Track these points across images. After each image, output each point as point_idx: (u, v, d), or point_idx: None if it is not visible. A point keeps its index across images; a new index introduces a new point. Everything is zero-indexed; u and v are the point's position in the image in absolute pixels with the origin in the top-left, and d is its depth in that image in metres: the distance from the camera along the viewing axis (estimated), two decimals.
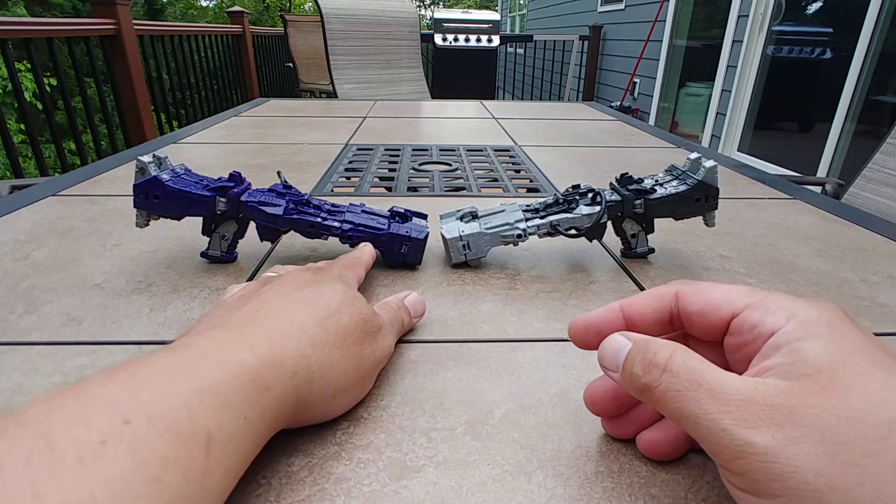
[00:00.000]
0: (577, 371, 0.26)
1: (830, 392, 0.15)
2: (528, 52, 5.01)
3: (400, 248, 0.36)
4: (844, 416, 0.14)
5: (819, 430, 0.14)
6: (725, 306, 0.19)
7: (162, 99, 2.62)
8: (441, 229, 0.38)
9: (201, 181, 0.36)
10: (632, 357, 0.18)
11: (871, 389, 0.15)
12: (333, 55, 1.85)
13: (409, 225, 0.37)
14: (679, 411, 0.16)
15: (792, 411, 0.15)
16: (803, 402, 0.15)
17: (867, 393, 0.15)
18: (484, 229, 0.37)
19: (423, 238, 0.37)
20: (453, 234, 0.37)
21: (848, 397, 0.15)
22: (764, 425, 0.15)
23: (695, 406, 0.16)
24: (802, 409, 0.15)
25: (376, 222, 0.36)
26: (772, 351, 0.17)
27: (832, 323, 0.17)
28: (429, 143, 0.78)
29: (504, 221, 0.37)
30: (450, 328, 0.30)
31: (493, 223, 0.37)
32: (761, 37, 2.99)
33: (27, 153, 4.07)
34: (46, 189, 0.54)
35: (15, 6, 5.59)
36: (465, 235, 0.37)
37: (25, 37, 1.65)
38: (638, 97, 4.32)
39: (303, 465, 0.20)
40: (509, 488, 0.19)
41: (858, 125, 2.44)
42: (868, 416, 0.14)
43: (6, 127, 1.56)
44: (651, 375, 0.17)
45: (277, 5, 11.38)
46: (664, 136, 0.89)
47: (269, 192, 0.36)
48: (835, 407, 0.14)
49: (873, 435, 0.14)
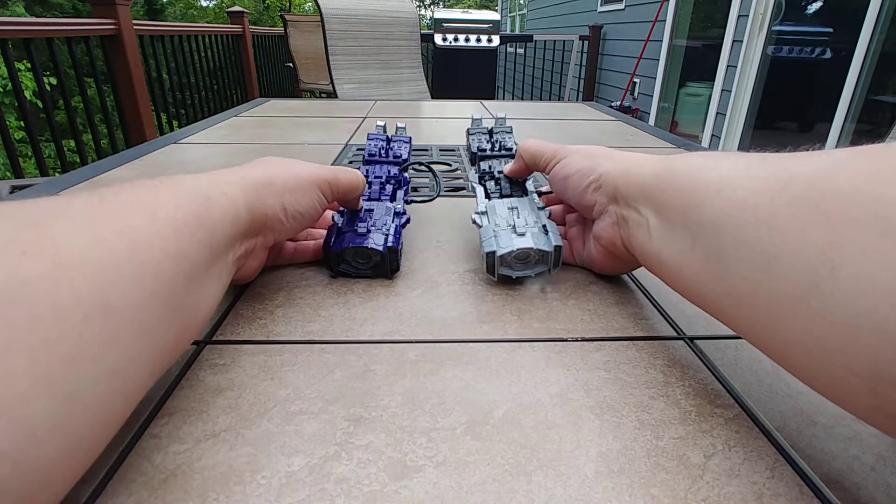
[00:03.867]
0: (577, 371, 0.26)
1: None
2: (528, 52, 5.01)
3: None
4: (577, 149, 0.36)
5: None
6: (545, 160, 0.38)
7: (162, 99, 2.62)
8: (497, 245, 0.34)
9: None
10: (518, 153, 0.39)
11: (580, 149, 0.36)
12: (333, 55, 1.85)
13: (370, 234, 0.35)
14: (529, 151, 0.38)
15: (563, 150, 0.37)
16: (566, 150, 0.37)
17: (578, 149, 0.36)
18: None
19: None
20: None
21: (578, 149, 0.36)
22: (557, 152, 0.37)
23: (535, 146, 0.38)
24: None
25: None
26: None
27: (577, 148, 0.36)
28: (429, 143, 0.78)
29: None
30: (450, 328, 0.30)
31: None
32: (761, 37, 2.99)
33: (27, 153, 4.07)
34: (46, 189, 0.54)
35: (15, 6, 5.59)
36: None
37: (25, 37, 1.65)
38: (638, 97, 4.32)
39: (303, 465, 0.20)
40: (509, 488, 0.19)
41: (858, 125, 2.44)
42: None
43: (6, 126, 1.56)
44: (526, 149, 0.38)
45: (277, 5, 11.38)
46: (664, 136, 0.89)
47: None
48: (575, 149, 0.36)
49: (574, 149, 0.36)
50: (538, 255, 0.34)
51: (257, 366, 0.26)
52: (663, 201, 0.27)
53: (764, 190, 0.20)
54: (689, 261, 0.24)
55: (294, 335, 0.29)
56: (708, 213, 0.23)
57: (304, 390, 0.25)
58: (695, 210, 0.24)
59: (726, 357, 0.28)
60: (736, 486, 0.20)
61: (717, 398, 0.25)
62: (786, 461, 0.21)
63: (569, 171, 0.35)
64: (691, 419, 0.23)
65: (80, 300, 0.16)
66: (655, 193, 0.27)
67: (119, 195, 0.21)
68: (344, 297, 0.33)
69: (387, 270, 0.35)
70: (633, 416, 0.23)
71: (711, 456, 0.21)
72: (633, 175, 0.30)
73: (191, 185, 0.24)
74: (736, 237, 0.21)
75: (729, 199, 0.22)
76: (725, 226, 0.21)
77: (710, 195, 0.23)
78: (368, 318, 0.31)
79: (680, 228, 0.25)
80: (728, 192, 0.22)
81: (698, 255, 0.23)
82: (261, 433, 0.22)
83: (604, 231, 0.33)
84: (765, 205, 0.20)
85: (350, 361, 0.27)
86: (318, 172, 0.33)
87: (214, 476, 0.20)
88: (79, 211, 0.18)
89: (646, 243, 0.28)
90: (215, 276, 0.24)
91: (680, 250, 0.25)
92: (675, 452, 0.21)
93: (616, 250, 0.32)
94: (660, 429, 0.23)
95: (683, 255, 0.25)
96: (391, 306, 0.32)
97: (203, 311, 0.24)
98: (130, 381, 0.18)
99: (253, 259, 0.30)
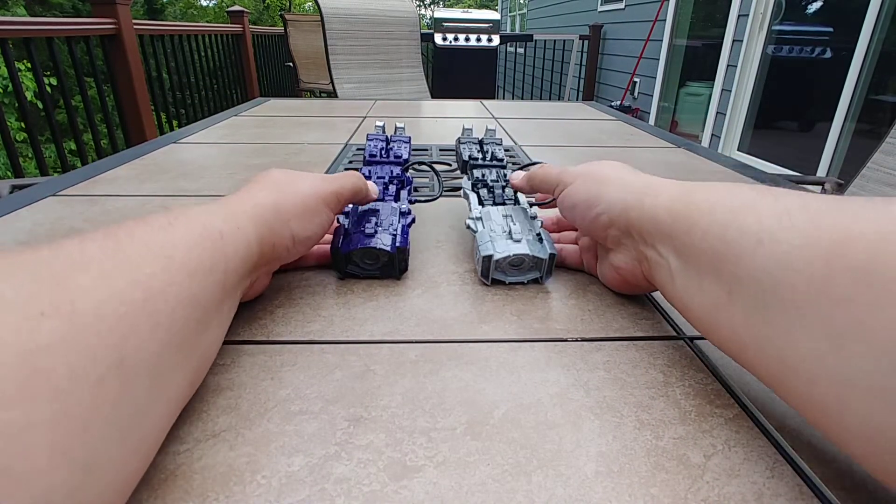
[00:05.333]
0: (577, 371, 0.26)
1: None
2: (528, 51, 5.01)
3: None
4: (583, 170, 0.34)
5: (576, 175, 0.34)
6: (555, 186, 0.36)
7: (162, 98, 2.62)
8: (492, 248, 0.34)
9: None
10: (526, 175, 0.39)
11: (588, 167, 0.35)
12: (333, 55, 1.85)
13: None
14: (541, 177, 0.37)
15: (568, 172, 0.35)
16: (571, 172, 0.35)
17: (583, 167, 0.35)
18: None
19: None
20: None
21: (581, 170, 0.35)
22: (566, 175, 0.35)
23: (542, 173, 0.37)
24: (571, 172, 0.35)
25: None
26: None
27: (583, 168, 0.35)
28: (429, 143, 0.78)
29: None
30: (450, 328, 0.30)
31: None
32: (761, 36, 2.99)
33: (27, 153, 4.07)
34: (47, 189, 0.54)
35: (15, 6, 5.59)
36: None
37: (25, 36, 1.65)
38: (638, 97, 4.32)
39: (303, 465, 0.20)
40: (509, 488, 0.19)
41: (858, 124, 2.44)
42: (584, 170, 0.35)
43: (6, 127, 1.56)
44: (533, 176, 0.38)
45: (277, 5, 11.38)
46: (664, 135, 0.89)
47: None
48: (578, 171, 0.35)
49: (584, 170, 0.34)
50: (532, 262, 0.35)
51: (257, 366, 0.26)
52: (685, 242, 0.24)
53: (815, 250, 0.18)
54: (726, 316, 0.22)
55: (294, 335, 0.29)
56: (748, 268, 0.20)
57: (304, 390, 0.25)
58: (732, 262, 0.21)
59: (726, 357, 0.28)
60: (736, 486, 0.20)
61: (717, 398, 0.25)
62: (786, 461, 0.21)
63: (574, 199, 0.33)
64: (691, 419, 0.23)
65: (95, 362, 0.15)
66: (675, 232, 0.25)
67: (133, 237, 0.20)
68: (344, 297, 0.33)
69: (395, 270, 0.35)
70: (633, 416, 0.23)
71: (711, 456, 0.21)
72: (645, 207, 0.27)
73: (205, 222, 0.24)
74: (785, 301, 0.19)
75: (772, 254, 0.20)
76: (771, 287, 0.19)
77: (748, 247, 0.21)
78: (368, 318, 0.31)
79: (710, 278, 0.23)
80: (770, 247, 0.20)
81: (737, 312, 0.21)
82: (261, 433, 0.22)
83: (623, 264, 0.31)
84: (819, 269, 0.18)
85: (350, 361, 0.27)
86: (323, 187, 0.32)
87: (214, 476, 0.20)
88: (95, 261, 0.18)
89: (668, 285, 0.26)
90: (224, 314, 0.24)
91: (712, 302, 0.23)
92: (675, 452, 0.21)
93: (637, 280, 0.31)
94: (660, 429, 0.23)
95: (716, 308, 0.22)
96: (391, 306, 0.32)
97: (212, 350, 0.24)
98: (145, 437, 0.18)
99: (257, 285, 0.30)
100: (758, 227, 0.21)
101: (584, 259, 0.37)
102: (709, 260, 0.23)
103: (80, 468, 0.14)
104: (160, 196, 0.53)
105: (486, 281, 0.35)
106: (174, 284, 0.20)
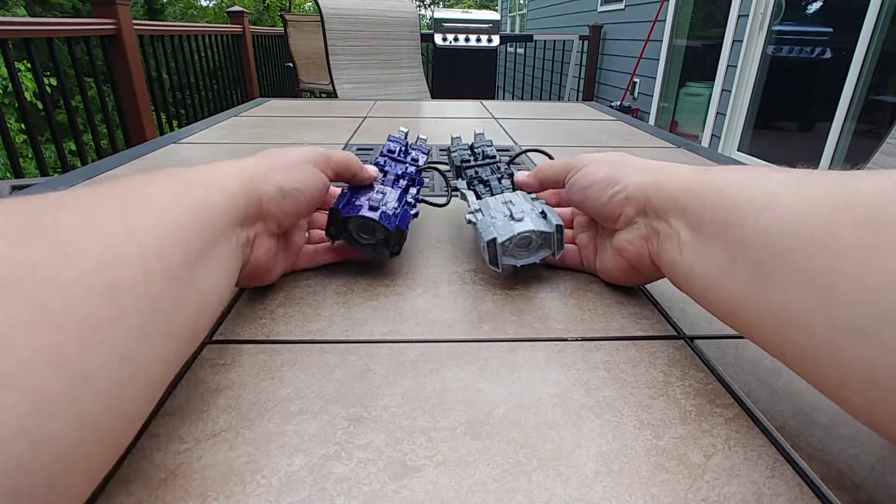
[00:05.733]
0: (577, 371, 0.26)
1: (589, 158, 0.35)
2: (528, 52, 5.01)
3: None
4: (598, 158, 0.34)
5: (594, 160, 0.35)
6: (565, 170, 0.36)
7: (162, 99, 2.62)
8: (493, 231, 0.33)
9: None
10: (533, 173, 0.39)
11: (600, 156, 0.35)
12: (333, 55, 1.85)
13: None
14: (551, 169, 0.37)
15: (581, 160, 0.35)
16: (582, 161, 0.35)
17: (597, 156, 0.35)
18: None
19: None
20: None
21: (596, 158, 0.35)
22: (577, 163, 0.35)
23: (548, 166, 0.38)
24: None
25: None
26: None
27: (596, 157, 0.35)
28: (429, 144, 0.78)
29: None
30: (450, 328, 0.30)
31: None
32: (761, 36, 2.99)
33: (27, 153, 4.07)
34: (46, 189, 0.54)
35: (15, 6, 5.59)
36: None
37: (25, 37, 1.65)
38: (638, 97, 4.32)
39: (303, 465, 0.20)
40: (509, 488, 0.19)
41: (858, 125, 2.45)
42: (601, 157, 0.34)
43: (6, 127, 1.56)
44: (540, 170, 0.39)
45: (277, 5, 11.38)
46: (664, 135, 0.89)
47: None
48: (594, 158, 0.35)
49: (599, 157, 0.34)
50: (540, 239, 0.34)
51: (257, 365, 0.26)
52: (698, 215, 0.25)
53: (820, 210, 0.19)
54: (727, 280, 0.23)
55: (294, 335, 0.29)
56: (752, 231, 0.21)
57: (304, 390, 0.25)
58: (736, 226, 0.22)
59: (726, 357, 0.28)
60: (736, 485, 0.20)
61: (717, 398, 0.25)
62: (786, 461, 0.21)
63: (589, 181, 0.33)
64: (691, 419, 0.23)
65: (83, 278, 0.16)
66: (690, 206, 0.26)
67: (115, 189, 0.21)
68: (344, 296, 0.33)
69: (387, 250, 0.34)
70: (633, 415, 0.23)
71: (711, 456, 0.21)
72: (663, 186, 0.29)
73: (185, 176, 0.25)
74: (787, 258, 0.19)
75: (778, 218, 0.20)
76: (774, 246, 0.20)
77: (755, 212, 0.21)
78: (368, 318, 0.31)
79: (717, 245, 0.23)
80: (777, 210, 0.20)
81: (738, 275, 0.22)
82: (261, 433, 0.22)
83: (629, 244, 0.31)
84: (822, 226, 0.18)
85: (350, 361, 0.27)
86: (308, 150, 0.34)
87: (214, 476, 0.20)
88: (77, 201, 0.19)
89: (675, 258, 0.27)
90: (220, 260, 0.24)
91: (717, 268, 0.23)
92: (675, 452, 0.21)
93: (641, 265, 0.31)
94: (660, 428, 0.23)
95: (721, 274, 0.23)
96: (391, 306, 0.32)
97: (213, 297, 0.23)
98: (146, 365, 0.18)
99: (260, 247, 0.30)
100: (765, 196, 0.22)
101: (582, 255, 0.37)
102: (718, 228, 0.23)
103: (73, 377, 0.15)
104: None
105: (497, 268, 0.33)
106: (158, 222, 0.20)
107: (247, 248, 0.28)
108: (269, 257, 0.31)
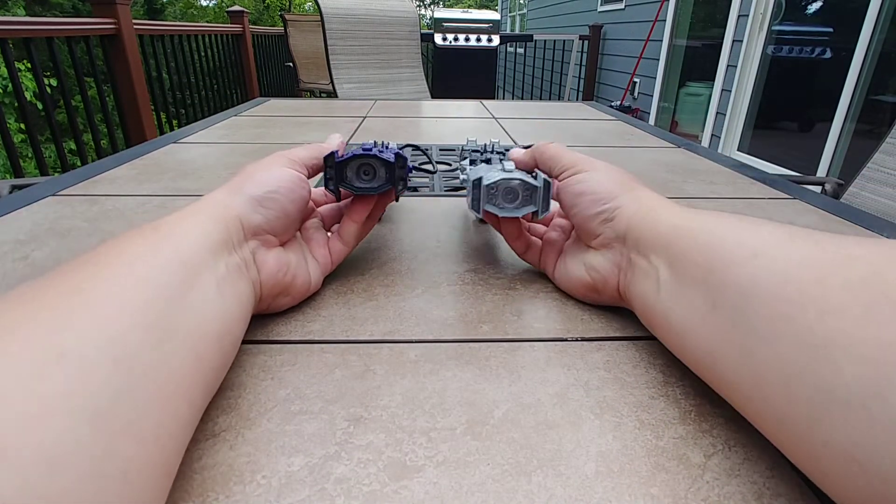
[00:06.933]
0: (577, 371, 0.26)
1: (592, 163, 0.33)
2: (528, 51, 5.01)
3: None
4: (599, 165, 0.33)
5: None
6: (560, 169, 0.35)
7: (162, 98, 2.62)
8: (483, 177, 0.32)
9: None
10: (532, 150, 0.36)
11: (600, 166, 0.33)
12: (333, 55, 1.85)
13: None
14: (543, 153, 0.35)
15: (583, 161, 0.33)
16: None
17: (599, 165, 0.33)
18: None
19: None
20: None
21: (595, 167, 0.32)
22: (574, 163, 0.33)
23: (554, 150, 0.35)
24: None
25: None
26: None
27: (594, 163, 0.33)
28: (429, 143, 0.78)
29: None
30: (450, 328, 0.30)
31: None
32: (761, 36, 2.99)
33: (27, 153, 4.07)
34: (46, 189, 0.54)
35: (15, 6, 5.59)
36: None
37: (25, 36, 1.65)
38: (638, 97, 4.32)
39: (303, 465, 0.20)
40: (509, 488, 0.19)
41: (858, 125, 2.45)
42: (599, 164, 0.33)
43: (6, 127, 1.56)
44: (542, 151, 0.35)
45: (277, 5, 11.38)
46: (664, 135, 0.89)
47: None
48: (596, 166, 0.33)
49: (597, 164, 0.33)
50: (526, 193, 0.32)
51: (257, 366, 0.26)
52: (680, 254, 0.24)
53: (813, 265, 0.18)
54: (706, 327, 0.22)
55: (294, 335, 0.29)
56: (736, 277, 0.20)
57: (304, 390, 0.25)
58: (720, 270, 0.21)
59: None
60: (736, 485, 0.20)
61: (717, 398, 0.25)
62: (786, 461, 0.21)
63: (584, 188, 0.31)
64: (691, 419, 0.23)
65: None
66: (673, 244, 0.25)
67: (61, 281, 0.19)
68: (344, 296, 0.33)
69: (394, 185, 0.32)
70: (633, 415, 0.23)
71: (711, 456, 0.21)
72: (649, 220, 0.28)
73: (153, 227, 0.23)
74: (772, 310, 0.18)
75: (766, 267, 0.19)
76: (759, 296, 0.19)
77: (742, 258, 0.20)
78: (368, 318, 0.31)
79: (698, 288, 0.22)
80: (766, 260, 0.19)
81: (718, 322, 0.21)
82: (261, 433, 0.22)
83: (600, 267, 0.30)
84: (813, 282, 0.17)
85: (350, 361, 0.27)
86: (272, 155, 0.32)
87: (214, 476, 0.20)
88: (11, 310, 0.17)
89: (651, 297, 0.26)
90: (203, 290, 0.22)
91: (695, 314, 0.22)
92: (675, 452, 0.21)
93: (604, 288, 0.30)
94: (660, 428, 0.23)
95: (698, 319, 0.22)
96: (391, 306, 0.32)
97: (204, 328, 0.21)
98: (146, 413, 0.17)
99: (265, 262, 0.28)
100: (755, 243, 0.21)
101: (542, 253, 0.36)
102: (700, 271, 0.23)
103: (86, 419, 0.14)
104: (160, 196, 0.53)
105: (478, 213, 0.32)
106: (119, 285, 0.19)
107: (252, 268, 0.27)
108: (283, 267, 0.30)
